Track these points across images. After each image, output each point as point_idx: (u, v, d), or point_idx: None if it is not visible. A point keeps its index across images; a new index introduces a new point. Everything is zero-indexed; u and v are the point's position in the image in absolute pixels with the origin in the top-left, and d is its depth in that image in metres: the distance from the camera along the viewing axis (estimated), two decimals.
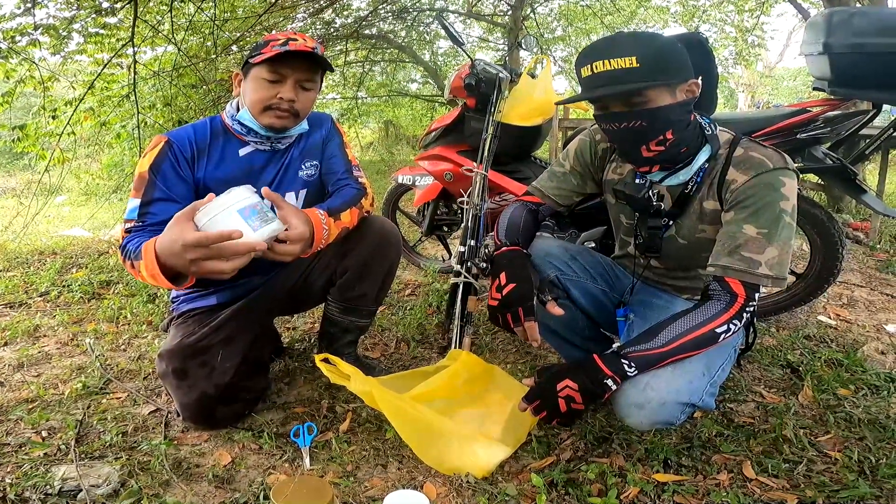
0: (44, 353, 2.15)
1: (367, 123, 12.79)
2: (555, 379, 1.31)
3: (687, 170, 1.41)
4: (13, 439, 1.57)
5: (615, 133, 1.37)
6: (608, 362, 1.28)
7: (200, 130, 1.62)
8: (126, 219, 1.50)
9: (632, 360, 1.27)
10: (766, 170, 1.28)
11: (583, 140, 1.64)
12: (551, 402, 1.30)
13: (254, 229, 1.25)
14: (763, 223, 1.26)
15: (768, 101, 17.04)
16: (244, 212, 1.25)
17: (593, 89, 1.30)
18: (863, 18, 1.98)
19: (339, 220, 1.57)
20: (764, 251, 1.26)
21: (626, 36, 1.29)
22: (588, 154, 1.63)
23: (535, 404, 1.33)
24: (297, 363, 2.06)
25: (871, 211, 3.20)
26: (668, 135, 1.32)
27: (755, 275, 1.26)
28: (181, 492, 1.37)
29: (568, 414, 1.30)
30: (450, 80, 2.65)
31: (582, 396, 1.27)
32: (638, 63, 1.23)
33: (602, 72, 1.26)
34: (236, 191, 1.28)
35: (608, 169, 1.61)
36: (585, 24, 9.52)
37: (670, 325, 1.30)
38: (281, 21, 6.26)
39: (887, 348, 2.11)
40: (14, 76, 4.47)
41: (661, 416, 1.28)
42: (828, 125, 2.19)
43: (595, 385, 1.27)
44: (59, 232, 4.80)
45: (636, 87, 1.25)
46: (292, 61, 1.54)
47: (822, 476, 1.40)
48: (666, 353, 1.27)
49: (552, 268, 1.59)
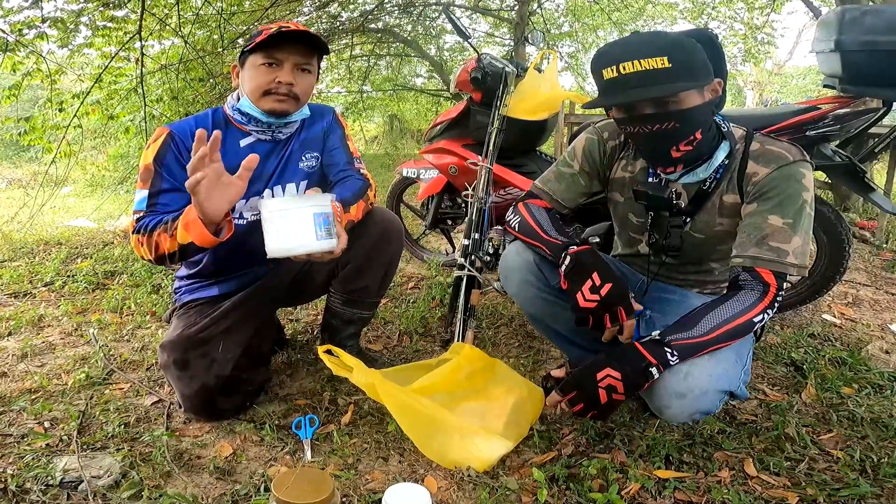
0: (47, 343, 2.16)
1: (372, 117, 12.79)
2: (594, 368, 1.25)
3: (706, 167, 1.41)
4: (15, 430, 1.58)
5: (644, 136, 1.34)
6: (651, 350, 1.24)
7: (202, 122, 1.63)
8: (136, 209, 1.51)
9: (674, 348, 1.24)
10: (787, 162, 1.31)
11: (590, 139, 1.60)
12: (590, 393, 1.24)
13: (317, 237, 1.27)
14: (788, 213, 1.28)
15: (776, 99, 16.94)
16: (318, 217, 1.27)
17: (624, 90, 1.25)
18: (875, 16, 1.97)
19: (349, 212, 1.57)
20: (790, 241, 1.28)
21: (648, 35, 1.26)
22: (597, 153, 1.59)
23: (570, 395, 1.27)
24: (299, 355, 2.06)
25: (878, 209, 3.18)
26: (698, 135, 1.33)
27: (784, 264, 1.27)
28: (182, 483, 1.37)
29: (608, 406, 1.24)
30: (456, 73, 2.65)
31: (624, 386, 1.23)
32: (670, 63, 1.21)
33: (631, 73, 1.22)
34: (318, 195, 1.30)
35: (616, 167, 1.59)
36: (592, 20, 9.48)
37: (709, 315, 1.28)
38: (287, 15, 6.26)
39: (892, 347, 2.09)
40: (21, 69, 4.47)
41: (701, 406, 1.27)
42: (837, 123, 2.18)
43: (638, 374, 1.23)
44: (65, 222, 4.81)
45: (675, 89, 1.22)
46: (288, 46, 1.54)
47: (824, 474, 1.39)
48: (707, 341, 1.25)
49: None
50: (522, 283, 1.57)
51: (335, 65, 9.54)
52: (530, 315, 1.67)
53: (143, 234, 1.43)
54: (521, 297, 1.61)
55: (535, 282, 1.56)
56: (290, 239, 1.26)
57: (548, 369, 1.90)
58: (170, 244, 1.39)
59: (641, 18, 9.77)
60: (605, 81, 1.28)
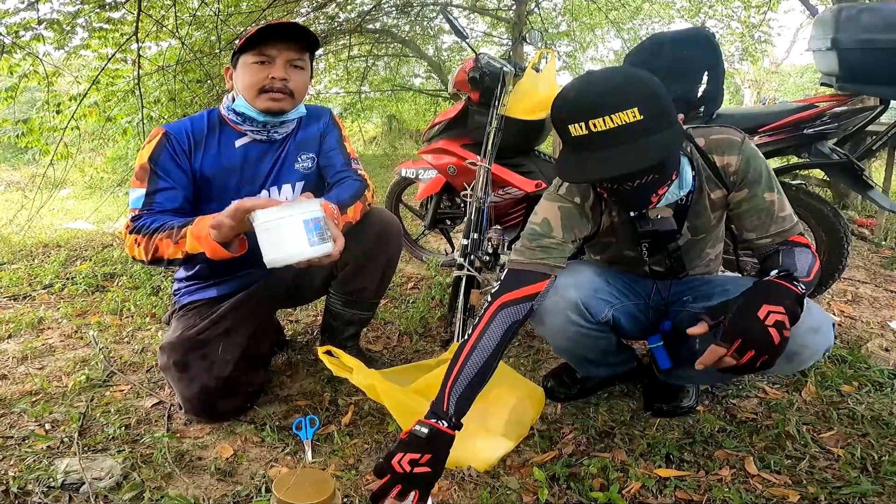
0: (47, 346, 2.16)
1: (371, 118, 12.77)
2: (752, 308, 1.12)
3: (677, 184, 1.40)
4: (16, 432, 1.58)
5: (623, 193, 1.31)
6: (792, 283, 1.16)
7: (197, 122, 1.64)
8: (132, 207, 1.52)
9: (801, 283, 1.18)
10: (740, 143, 1.38)
11: (564, 209, 1.44)
12: (761, 334, 1.09)
13: (310, 244, 1.26)
14: (772, 185, 1.38)
15: (774, 97, 16.96)
16: (308, 224, 1.26)
17: (599, 151, 1.17)
18: (872, 14, 1.97)
19: (346, 214, 1.57)
20: (785, 205, 1.38)
21: (609, 82, 1.17)
22: (578, 223, 1.45)
23: (736, 344, 1.11)
24: (299, 356, 2.06)
25: (877, 207, 3.18)
26: (674, 175, 1.34)
27: (797, 224, 1.38)
28: (183, 484, 1.38)
29: (781, 345, 1.10)
30: (454, 73, 2.64)
31: (790, 320, 1.11)
32: (640, 114, 1.13)
33: (603, 130, 1.14)
34: (307, 201, 1.29)
35: (604, 218, 1.51)
36: (590, 19, 9.46)
37: (797, 261, 1.26)
38: (284, 16, 6.24)
39: (891, 345, 2.10)
40: (18, 71, 4.46)
41: (830, 338, 1.30)
42: (834, 121, 2.18)
43: (796, 304, 1.13)
44: (64, 225, 4.81)
45: (663, 153, 1.17)
46: (278, 42, 1.54)
47: (825, 473, 1.39)
48: (811, 282, 1.25)
49: (606, 305, 1.52)
50: (565, 325, 1.49)
51: (333, 65, 9.52)
52: (562, 348, 1.62)
53: (141, 235, 1.43)
54: (560, 336, 1.53)
55: (580, 320, 1.49)
56: (284, 248, 1.26)
57: (548, 368, 1.91)
58: (173, 250, 1.39)
59: (639, 17, 9.77)
60: (572, 138, 1.19)
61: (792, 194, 2.20)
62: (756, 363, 1.10)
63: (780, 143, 2.30)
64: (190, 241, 1.35)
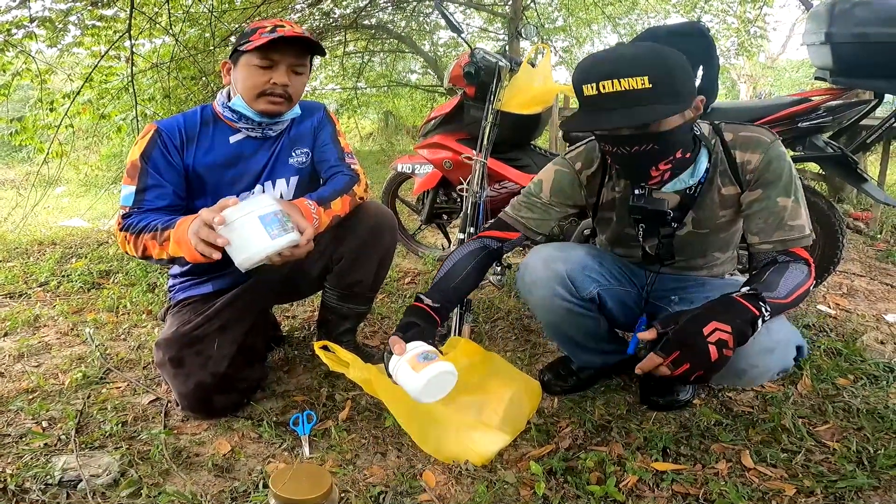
0: (44, 344, 2.16)
1: (367, 114, 12.74)
2: (698, 324, 1.16)
3: (690, 172, 1.42)
4: (13, 430, 1.57)
5: (623, 156, 1.33)
6: (753, 303, 1.18)
7: (190, 118, 1.64)
8: (122, 204, 1.53)
9: (768, 304, 1.20)
10: (769, 143, 1.36)
11: (560, 172, 1.56)
12: (700, 350, 1.13)
13: (272, 237, 1.28)
14: (791, 192, 1.35)
15: (770, 91, 16.97)
16: (265, 218, 1.28)
17: (603, 111, 1.23)
18: (865, 8, 1.97)
19: (330, 208, 1.57)
20: (800, 215, 1.36)
21: (631, 50, 1.22)
22: (568, 188, 1.56)
23: (674, 356, 1.15)
24: (296, 351, 2.06)
25: (872, 200, 3.19)
26: (678, 154, 1.34)
27: (807, 237, 1.36)
28: (181, 481, 1.37)
29: (718, 363, 1.13)
30: (449, 69, 2.64)
31: (735, 340, 1.14)
32: (650, 83, 1.17)
33: (610, 92, 1.19)
34: (259, 197, 1.32)
35: (603, 193, 1.55)
36: (586, 14, 9.45)
37: (782, 279, 1.27)
38: (279, 12, 6.21)
39: (886, 338, 2.11)
40: (10, 69, 4.44)
41: (786, 360, 1.32)
42: (829, 114, 2.19)
43: (747, 325, 1.16)
44: (59, 222, 4.79)
45: (654, 115, 1.20)
46: (283, 47, 1.54)
47: (821, 466, 1.40)
48: (788, 304, 1.26)
49: (592, 283, 1.55)
50: (550, 297, 1.54)
51: (329, 62, 9.48)
52: (550, 324, 1.64)
53: (130, 233, 1.46)
54: (546, 309, 1.58)
55: (565, 294, 1.53)
56: (248, 248, 1.28)
57: (544, 362, 1.91)
58: (158, 251, 1.42)
59: (635, 12, 9.76)
60: (584, 98, 1.25)
61: None
62: (690, 376, 1.15)
63: None
64: (172, 245, 1.38)
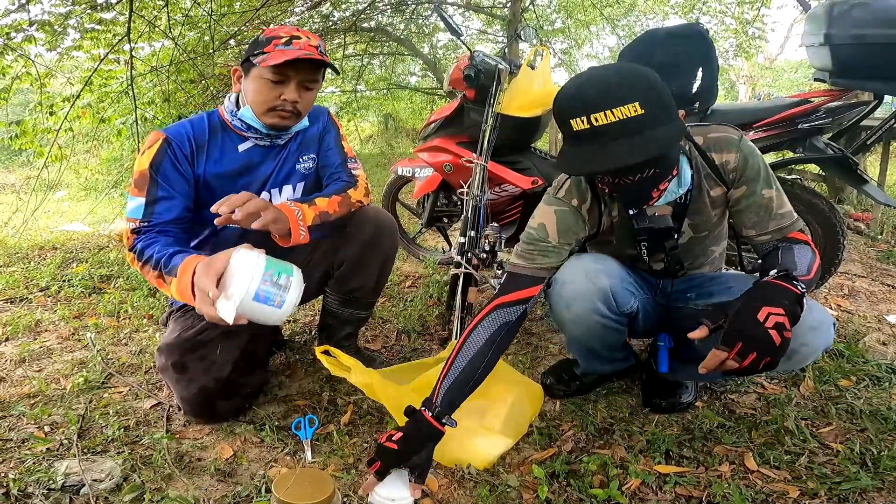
0: (45, 348, 2.15)
1: (367, 117, 12.75)
2: (751, 312, 1.12)
3: (675, 183, 1.41)
4: (16, 435, 1.57)
5: (624, 187, 1.31)
6: (791, 283, 1.16)
7: (198, 126, 1.62)
8: (130, 217, 1.50)
9: (801, 282, 1.18)
10: (738, 140, 1.39)
11: (562, 212, 1.47)
12: (762, 336, 1.09)
13: (277, 306, 1.28)
14: (771, 182, 1.39)
15: (769, 92, 16.98)
16: (259, 296, 1.26)
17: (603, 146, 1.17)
18: (863, 9, 1.98)
19: (315, 204, 1.57)
20: (785, 202, 1.39)
21: (611, 76, 1.17)
22: (574, 226, 1.48)
23: (737, 348, 1.11)
24: (297, 356, 2.06)
25: (872, 201, 3.19)
26: (675, 171, 1.36)
27: (797, 220, 1.39)
28: (183, 485, 1.37)
29: (783, 346, 1.10)
30: (449, 71, 2.64)
31: (790, 321, 1.10)
32: (642, 109, 1.14)
33: (605, 124, 1.14)
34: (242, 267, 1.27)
35: (603, 219, 1.51)
36: (585, 16, 9.48)
37: (797, 258, 1.26)
38: (278, 15, 6.22)
39: (888, 339, 2.10)
40: (10, 73, 4.44)
41: (829, 336, 1.32)
42: (829, 115, 2.19)
43: (795, 305, 1.13)
44: (59, 227, 4.79)
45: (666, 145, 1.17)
46: (298, 63, 1.52)
47: (824, 468, 1.40)
48: (812, 280, 1.25)
49: (631, 296, 1.53)
50: (589, 313, 1.48)
51: None
52: (577, 337, 1.60)
53: (135, 255, 1.47)
54: (579, 325, 1.52)
55: (604, 310, 1.48)
56: (266, 321, 1.30)
57: (546, 365, 1.91)
58: (157, 284, 1.44)
59: (633, 14, 9.78)
60: (573, 132, 1.19)
61: (787, 189, 2.21)
62: (759, 365, 1.10)
63: (775, 138, 2.31)
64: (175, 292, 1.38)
